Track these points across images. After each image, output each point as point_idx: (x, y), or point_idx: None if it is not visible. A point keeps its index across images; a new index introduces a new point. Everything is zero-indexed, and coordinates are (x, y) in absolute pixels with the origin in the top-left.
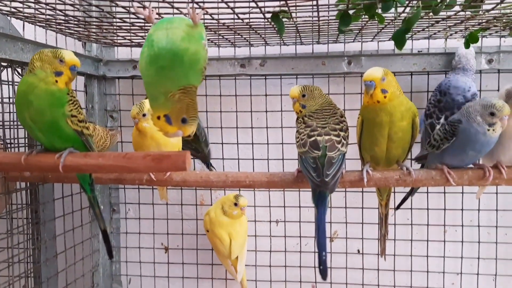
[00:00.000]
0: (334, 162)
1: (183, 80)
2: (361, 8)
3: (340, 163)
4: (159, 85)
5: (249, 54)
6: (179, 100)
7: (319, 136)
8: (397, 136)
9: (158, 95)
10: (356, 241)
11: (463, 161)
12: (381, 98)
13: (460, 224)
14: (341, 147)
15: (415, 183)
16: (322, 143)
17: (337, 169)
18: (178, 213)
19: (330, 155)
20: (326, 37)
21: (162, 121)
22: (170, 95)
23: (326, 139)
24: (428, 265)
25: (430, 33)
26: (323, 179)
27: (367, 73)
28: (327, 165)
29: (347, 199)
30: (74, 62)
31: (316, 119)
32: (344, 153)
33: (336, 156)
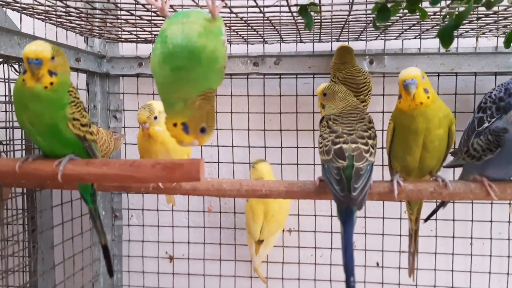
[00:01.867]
0: (362, 173)
1: (202, 82)
2: (403, 0)
3: (369, 174)
4: (177, 88)
5: (262, 51)
6: (200, 108)
7: (345, 143)
8: (433, 145)
9: (176, 100)
10: (375, 253)
11: (507, 174)
12: (425, 99)
13: (489, 237)
14: (370, 156)
15: (451, 196)
16: (349, 152)
17: (366, 182)
18: (185, 220)
19: (358, 166)
20: (347, 34)
21: (178, 129)
22: (190, 102)
23: (353, 147)
24: (453, 281)
25: (461, 31)
26: (347, 194)
27: (407, 71)
28: (354, 177)
29: (367, 208)
30: (27, 54)
31: (341, 124)
32: (372, 163)
33: (364, 167)
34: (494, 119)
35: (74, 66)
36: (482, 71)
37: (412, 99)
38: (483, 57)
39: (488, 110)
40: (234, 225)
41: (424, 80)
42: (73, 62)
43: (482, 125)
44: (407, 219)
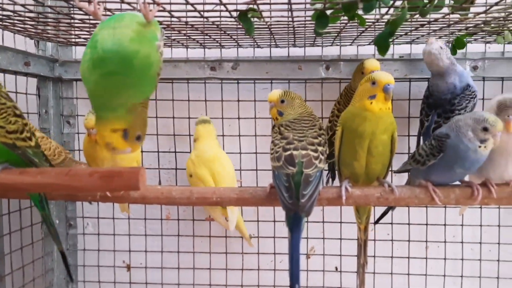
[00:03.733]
0: (311, 180)
1: (139, 89)
2: (339, 8)
3: (318, 181)
4: (113, 94)
5: (220, 56)
6: (139, 115)
7: (295, 150)
8: (377, 150)
9: (116, 106)
10: (334, 258)
11: (450, 179)
12: (390, 104)
13: (443, 240)
14: (319, 163)
15: (397, 202)
16: (299, 159)
17: (314, 189)
18: (142, 228)
19: (307, 173)
20: (302, 40)
21: (117, 135)
22: (132, 108)
23: (303, 154)
24: (409, 284)
25: (413, 38)
26: (295, 201)
27: (388, 75)
28: (303, 184)
29: (325, 214)
30: None
31: (293, 130)
32: (321, 170)
33: (314, 174)
34: (430, 116)
35: (23, 70)
36: None
37: (384, 102)
38: None
39: (423, 111)
40: (193, 232)
41: None
42: (21, 67)
43: (424, 125)
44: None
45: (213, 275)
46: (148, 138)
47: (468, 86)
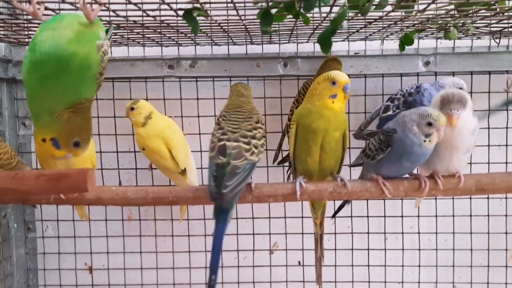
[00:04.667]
0: (238, 172)
1: (71, 93)
2: (282, 7)
3: (246, 174)
4: (43, 99)
5: (178, 54)
6: (69, 121)
7: (228, 141)
8: (330, 146)
9: (41, 113)
10: (297, 253)
11: (399, 172)
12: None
13: (401, 231)
14: (250, 155)
15: (350, 195)
16: (230, 150)
17: (240, 181)
18: (103, 229)
19: (235, 164)
20: (259, 38)
21: (48, 144)
22: (57, 115)
23: (234, 145)
24: (369, 275)
25: (366, 35)
26: (220, 190)
27: (345, 76)
28: (228, 175)
29: (287, 209)
30: None
31: (228, 121)
32: (253, 162)
33: (242, 166)
34: (398, 111)
35: None
36: (388, 72)
37: (343, 101)
38: (389, 59)
39: (396, 101)
40: (155, 232)
41: None
42: None
43: (387, 112)
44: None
45: (177, 274)
46: (107, 138)
47: None
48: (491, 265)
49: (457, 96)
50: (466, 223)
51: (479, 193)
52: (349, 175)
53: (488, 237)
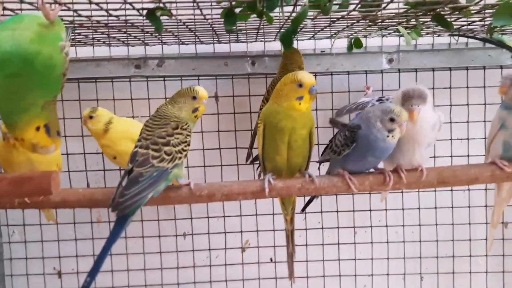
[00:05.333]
0: (141, 180)
1: (41, 90)
2: (245, 6)
3: (152, 181)
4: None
5: (144, 54)
6: (54, 111)
7: (140, 148)
8: (297, 144)
9: (28, 105)
10: (268, 250)
11: (364, 167)
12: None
13: (370, 225)
14: (159, 162)
15: (317, 191)
16: (138, 156)
17: (143, 189)
18: (72, 233)
19: (139, 171)
20: (226, 36)
21: (41, 132)
22: (47, 104)
23: (143, 152)
24: (340, 269)
25: (332, 33)
26: (115, 198)
27: (312, 77)
28: (128, 183)
29: (258, 206)
30: None
31: (146, 127)
32: (163, 169)
33: (147, 173)
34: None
35: None
36: (354, 70)
37: (309, 102)
38: (355, 57)
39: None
40: (125, 234)
41: None
42: None
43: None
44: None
45: (148, 275)
46: (74, 140)
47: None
48: (456, 256)
49: (417, 92)
50: (431, 215)
51: (441, 186)
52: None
53: (452, 228)
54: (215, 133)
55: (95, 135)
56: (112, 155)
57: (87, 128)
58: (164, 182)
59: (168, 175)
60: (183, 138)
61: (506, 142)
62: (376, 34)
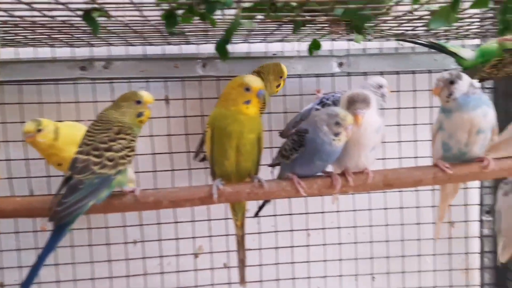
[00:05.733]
0: (81, 187)
1: None
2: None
3: (92, 189)
4: None
5: (90, 55)
6: None
7: (80, 154)
8: (246, 148)
9: None
10: (222, 255)
11: (312, 170)
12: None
13: (323, 227)
14: (101, 169)
15: (267, 195)
16: (78, 163)
17: (83, 197)
18: (14, 242)
19: (79, 178)
20: (176, 38)
21: None
22: None
23: (83, 158)
24: (294, 272)
25: (283, 36)
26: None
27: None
28: (68, 191)
29: (211, 211)
30: None
31: (88, 132)
32: (105, 176)
33: (88, 180)
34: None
35: None
36: (305, 73)
37: (257, 106)
38: (306, 60)
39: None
40: (72, 242)
41: None
42: None
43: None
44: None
45: (97, 284)
46: (16, 145)
47: None
48: (406, 255)
49: (361, 97)
50: (381, 216)
51: (386, 188)
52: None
53: (402, 228)
54: (166, 137)
55: (43, 147)
56: (57, 162)
57: (34, 143)
58: (107, 190)
59: (111, 182)
60: (127, 143)
61: (445, 143)
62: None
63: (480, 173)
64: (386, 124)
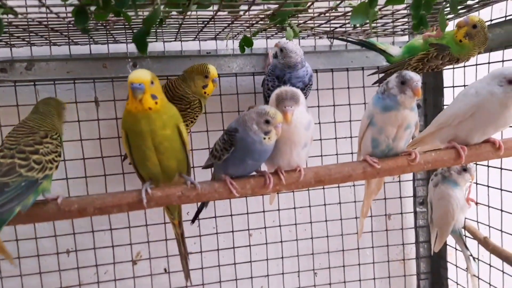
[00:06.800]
0: (7, 190)
1: None
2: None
3: (19, 193)
4: None
5: (10, 56)
6: None
7: (3, 158)
8: (163, 146)
9: None
10: (162, 260)
11: (245, 170)
12: (153, 104)
13: (264, 226)
14: (27, 172)
15: (199, 198)
16: (3, 166)
17: (8, 200)
18: None
19: (3, 181)
20: (103, 37)
21: None
22: None
23: (8, 162)
24: (236, 273)
25: (216, 34)
26: None
27: (135, 74)
28: None
29: (148, 216)
30: None
31: (10, 137)
32: (33, 180)
33: (14, 183)
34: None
35: None
36: (241, 72)
37: (139, 103)
38: (241, 58)
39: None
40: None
41: (153, 86)
42: None
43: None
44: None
45: None
46: None
47: (311, 76)
48: (345, 249)
49: (290, 94)
50: (321, 212)
51: (318, 185)
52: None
53: (341, 223)
54: (96, 141)
55: None
56: None
57: None
58: (33, 195)
59: (37, 186)
60: (54, 148)
61: (374, 138)
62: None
63: (407, 166)
64: (323, 121)
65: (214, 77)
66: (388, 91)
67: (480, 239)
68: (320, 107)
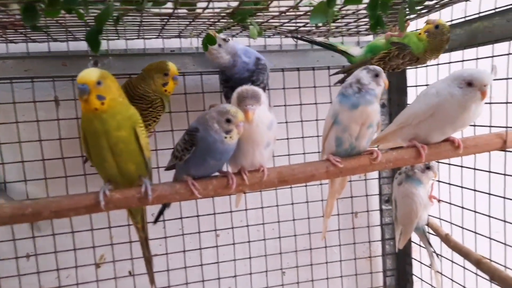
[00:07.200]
0: None
1: None
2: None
3: None
4: None
5: None
6: None
7: None
8: (119, 148)
9: None
10: (126, 262)
11: (207, 171)
12: (99, 105)
13: (231, 226)
14: None
15: (158, 200)
16: None
17: None
18: None
19: None
20: (62, 34)
21: None
22: None
23: None
24: (203, 274)
25: (179, 31)
26: None
27: (80, 75)
28: None
29: (111, 218)
30: None
31: None
32: None
33: None
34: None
35: None
36: (206, 70)
37: (85, 103)
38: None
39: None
40: None
41: (101, 86)
42: None
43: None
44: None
45: None
46: None
47: (258, 59)
48: (313, 248)
49: (251, 92)
50: (289, 211)
51: (282, 185)
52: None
53: (308, 222)
54: (57, 142)
55: None
56: None
57: None
58: None
59: None
60: None
61: (338, 137)
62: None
63: (369, 165)
64: (289, 120)
65: (174, 75)
66: (363, 87)
67: (442, 236)
68: (286, 106)
